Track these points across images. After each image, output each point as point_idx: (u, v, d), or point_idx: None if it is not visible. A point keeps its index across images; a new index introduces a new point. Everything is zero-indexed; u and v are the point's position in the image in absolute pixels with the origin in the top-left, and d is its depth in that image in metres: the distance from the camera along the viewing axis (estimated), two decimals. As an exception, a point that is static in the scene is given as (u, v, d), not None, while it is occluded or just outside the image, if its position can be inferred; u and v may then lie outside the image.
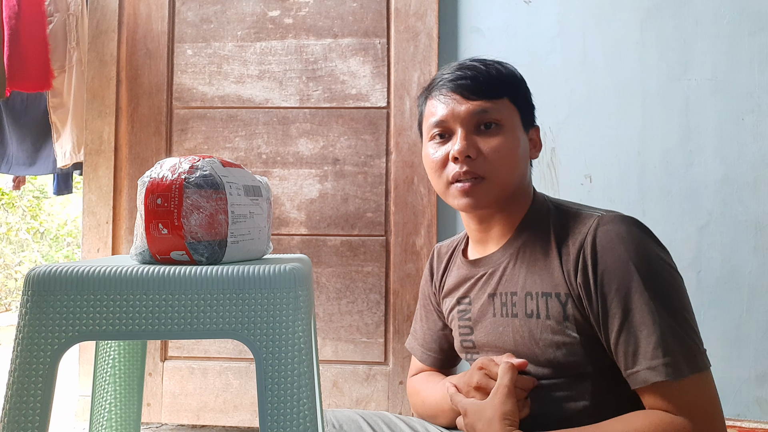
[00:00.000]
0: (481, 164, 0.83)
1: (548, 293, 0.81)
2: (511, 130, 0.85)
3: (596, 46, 1.75)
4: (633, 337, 0.73)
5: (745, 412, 1.65)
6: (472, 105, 0.84)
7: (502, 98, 0.85)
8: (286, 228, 1.81)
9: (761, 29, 1.69)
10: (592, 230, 0.78)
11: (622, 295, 0.74)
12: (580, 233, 0.80)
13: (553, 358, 0.79)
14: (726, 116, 1.69)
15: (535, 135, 0.91)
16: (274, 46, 1.84)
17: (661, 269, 0.76)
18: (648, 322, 0.72)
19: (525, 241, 0.86)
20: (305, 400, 0.63)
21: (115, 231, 1.84)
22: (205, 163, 0.70)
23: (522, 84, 0.90)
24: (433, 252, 1.08)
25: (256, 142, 1.83)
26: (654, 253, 0.77)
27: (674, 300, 0.74)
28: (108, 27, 1.87)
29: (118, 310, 0.65)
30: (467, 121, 0.84)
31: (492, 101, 0.84)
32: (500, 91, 0.85)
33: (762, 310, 1.65)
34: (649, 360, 0.72)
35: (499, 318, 0.86)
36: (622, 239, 0.76)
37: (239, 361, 1.79)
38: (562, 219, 0.84)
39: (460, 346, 0.95)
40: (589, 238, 0.78)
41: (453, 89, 0.86)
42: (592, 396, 0.79)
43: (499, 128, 0.84)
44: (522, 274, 0.84)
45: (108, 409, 0.99)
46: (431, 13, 1.78)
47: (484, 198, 0.84)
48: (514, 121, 0.86)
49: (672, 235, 1.68)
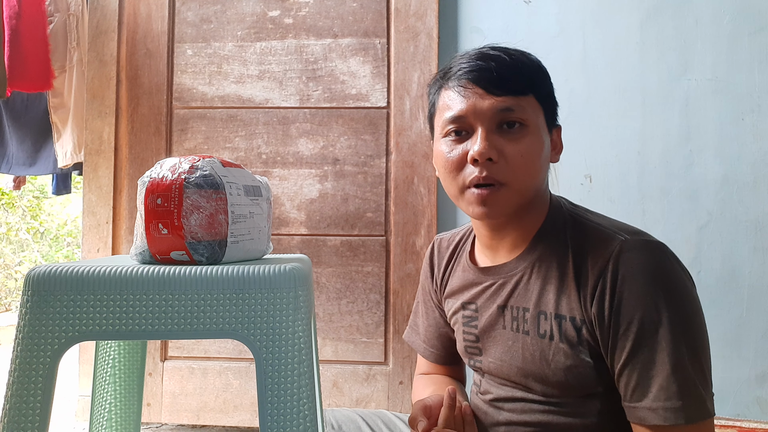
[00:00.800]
0: (502, 169, 0.75)
1: (563, 316, 0.76)
2: (536, 131, 0.77)
3: (596, 46, 1.75)
4: (637, 372, 0.70)
5: (745, 412, 1.65)
6: (497, 101, 0.75)
7: (528, 95, 0.77)
8: (286, 228, 1.81)
9: (761, 29, 1.69)
10: (614, 257, 0.72)
11: (636, 329, 0.70)
12: (600, 257, 0.73)
13: (564, 380, 0.76)
14: (726, 116, 1.69)
15: (557, 136, 0.84)
16: (274, 46, 1.84)
17: (683, 306, 0.70)
18: (658, 362, 0.69)
19: (541, 255, 0.80)
20: (305, 400, 0.63)
21: (115, 231, 1.84)
22: (205, 163, 0.70)
23: (547, 78, 0.82)
24: (432, 245, 1.02)
25: (256, 142, 1.83)
26: (677, 287, 0.71)
27: (691, 341, 0.70)
28: (108, 27, 1.87)
29: (118, 310, 0.65)
30: (490, 118, 0.76)
31: (517, 97, 0.76)
32: (526, 86, 0.77)
33: (762, 310, 1.65)
34: (651, 400, 0.69)
35: (510, 332, 0.82)
36: (643, 270, 0.70)
37: (239, 361, 1.79)
38: (581, 235, 0.78)
39: (463, 350, 0.91)
40: (610, 266, 0.72)
41: (474, 81, 0.76)
42: (600, 414, 0.77)
43: (524, 129, 0.76)
44: (536, 291, 0.79)
45: (108, 409, 0.99)
46: (431, 13, 1.78)
47: (503, 207, 0.77)
48: (539, 122, 0.78)
49: (672, 235, 1.68)
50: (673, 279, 0.71)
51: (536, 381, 0.79)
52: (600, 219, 0.81)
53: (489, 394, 0.87)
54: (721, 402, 1.66)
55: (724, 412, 1.65)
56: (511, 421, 0.82)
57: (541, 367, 0.78)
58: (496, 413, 0.85)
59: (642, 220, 1.70)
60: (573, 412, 0.77)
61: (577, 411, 0.77)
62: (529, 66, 0.79)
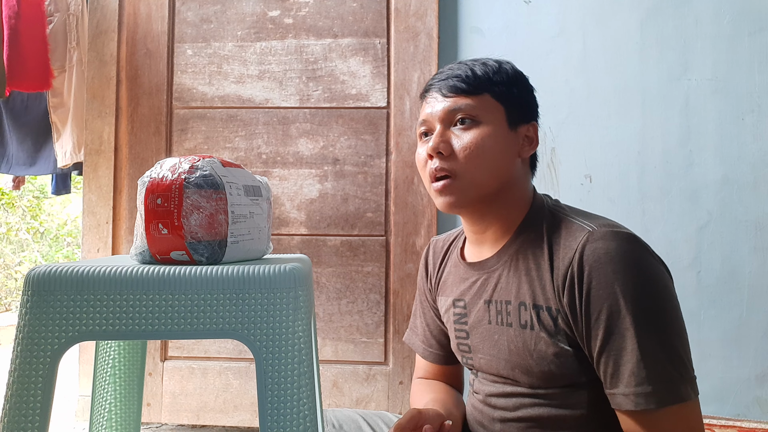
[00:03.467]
0: (452, 162, 0.82)
1: (540, 306, 0.79)
2: (489, 126, 0.82)
3: (596, 46, 1.75)
4: (612, 360, 0.72)
5: (745, 412, 1.65)
6: (448, 102, 0.83)
7: (482, 94, 0.83)
8: (286, 228, 1.81)
9: (761, 29, 1.69)
10: (580, 247, 0.75)
11: (605, 318, 0.72)
12: (569, 248, 0.76)
13: (548, 370, 0.78)
14: (726, 116, 1.69)
15: (530, 132, 0.87)
16: (274, 46, 1.84)
17: (650, 292, 0.72)
18: (627, 348, 0.70)
19: (519, 248, 0.83)
20: (305, 400, 0.63)
21: (115, 231, 1.84)
22: (205, 163, 0.70)
23: (511, 80, 0.86)
24: (429, 246, 1.05)
25: (256, 142, 1.83)
26: (644, 273, 0.73)
27: (661, 325, 0.71)
28: (108, 27, 1.87)
29: (118, 310, 0.65)
30: (443, 118, 0.84)
31: (470, 97, 0.83)
32: (479, 87, 0.83)
33: (762, 310, 1.65)
34: (624, 386, 0.71)
35: (495, 326, 0.85)
36: (610, 258, 0.73)
37: (239, 361, 1.79)
38: (556, 227, 0.81)
39: (456, 347, 0.94)
40: (576, 256, 0.75)
41: (435, 89, 0.86)
42: (589, 405, 0.78)
43: (474, 124, 0.82)
44: (516, 283, 0.82)
45: (108, 409, 0.99)
46: (431, 13, 1.78)
47: (460, 197, 0.82)
48: (495, 117, 0.83)
49: (672, 235, 1.68)
50: (639, 266, 0.73)
51: (522, 373, 0.81)
52: (578, 214, 0.83)
53: (482, 392, 0.88)
54: (721, 402, 1.66)
55: (724, 412, 1.65)
56: (505, 418, 0.84)
57: (525, 357, 0.80)
58: (491, 411, 0.86)
59: (642, 220, 1.70)
60: (562, 403, 0.79)
61: (566, 402, 0.79)
62: (486, 69, 0.85)
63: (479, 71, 0.84)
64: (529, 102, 0.88)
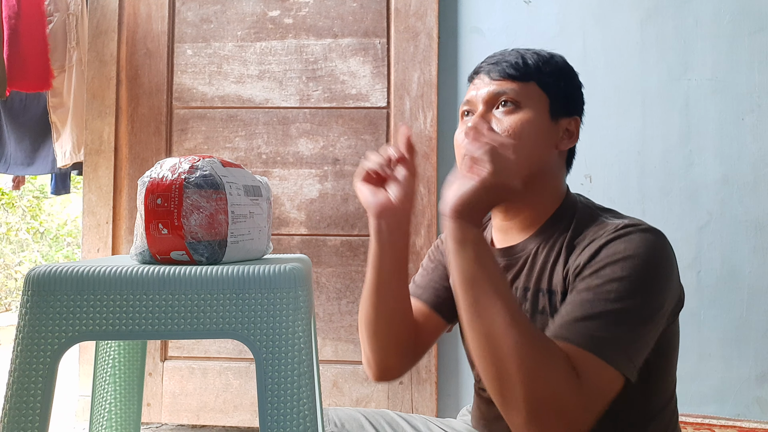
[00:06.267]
0: None
1: (554, 291, 0.79)
2: (530, 113, 0.82)
3: (596, 46, 1.75)
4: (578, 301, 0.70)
5: (745, 412, 1.65)
6: (494, 84, 0.83)
7: (529, 82, 0.83)
8: (286, 228, 1.81)
9: (761, 29, 1.69)
10: (608, 233, 0.75)
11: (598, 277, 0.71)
12: (596, 240, 0.76)
13: None
14: (726, 116, 1.69)
15: (571, 126, 0.87)
16: (274, 46, 1.84)
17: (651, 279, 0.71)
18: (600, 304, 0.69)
19: (546, 238, 0.83)
20: (305, 400, 0.63)
21: (115, 231, 1.84)
22: (205, 163, 0.70)
23: (560, 72, 0.86)
24: None
25: (256, 142, 1.83)
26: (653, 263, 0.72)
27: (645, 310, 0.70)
28: (108, 27, 1.87)
29: (118, 310, 0.65)
30: (486, 100, 0.83)
31: (514, 82, 0.83)
32: (527, 74, 0.83)
33: (762, 310, 1.65)
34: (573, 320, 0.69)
35: None
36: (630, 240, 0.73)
37: (239, 361, 1.79)
38: (586, 222, 0.81)
39: None
40: (603, 237, 0.75)
41: (484, 72, 0.86)
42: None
43: (516, 108, 0.82)
44: (537, 270, 0.83)
45: (108, 409, 0.99)
46: (431, 13, 1.78)
47: None
48: (538, 106, 0.83)
49: (672, 235, 1.67)
50: (660, 255, 0.73)
51: None
52: (611, 213, 0.84)
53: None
54: (721, 402, 1.66)
55: (724, 412, 1.65)
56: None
57: None
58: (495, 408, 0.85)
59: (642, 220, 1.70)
60: None
61: None
62: (536, 58, 0.85)
63: (530, 59, 0.84)
64: (574, 96, 0.89)
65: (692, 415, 1.62)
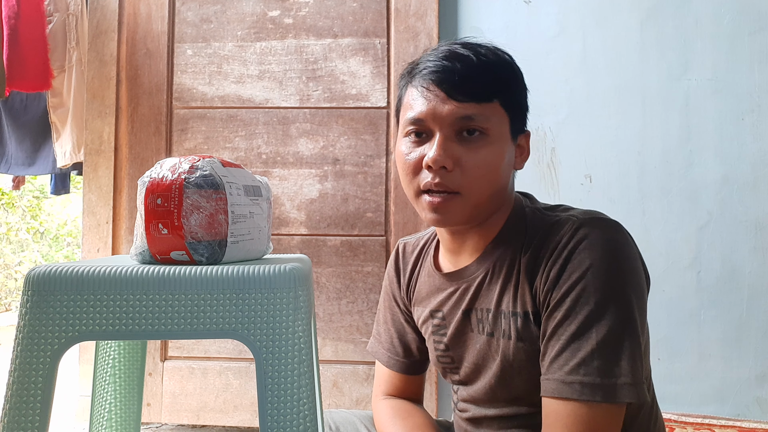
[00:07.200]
0: (457, 178, 0.73)
1: (518, 313, 0.75)
2: (498, 140, 0.75)
3: (596, 46, 1.75)
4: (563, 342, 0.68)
5: (745, 412, 1.65)
6: (457, 107, 0.73)
7: (492, 101, 0.74)
8: (286, 228, 1.81)
9: (761, 29, 1.69)
10: (567, 235, 0.72)
11: (573, 296, 0.68)
12: (552, 242, 0.73)
13: (528, 378, 0.75)
14: (726, 116, 1.69)
15: (524, 141, 0.81)
16: (274, 46, 1.84)
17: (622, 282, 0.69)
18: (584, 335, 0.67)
19: (500, 255, 0.78)
20: (305, 400, 0.63)
21: (115, 231, 1.84)
22: (205, 163, 0.70)
23: (517, 82, 0.79)
24: (397, 249, 0.98)
25: (256, 142, 1.83)
26: (627, 263, 0.70)
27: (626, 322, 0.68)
28: (108, 27, 1.87)
29: (118, 310, 0.65)
30: (449, 124, 0.73)
31: (480, 104, 0.73)
32: (491, 92, 0.74)
33: (762, 310, 1.65)
34: (565, 373, 0.67)
35: (477, 335, 0.80)
36: (590, 244, 0.70)
37: (239, 361, 1.79)
38: (537, 227, 0.77)
39: (436, 360, 0.88)
40: (562, 241, 0.72)
41: (437, 83, 0.74)
42: None
43: (485, 138, 0.74)
44: (496, 291, 0.77)
45: (108, 409, 0.99)
46: (431, 13, 1.78)
47: (456, 216, 0.75)
48: (502, 130, 0.75)
49: (672, 235, 1.68)
50: (623, 255, 0.70)
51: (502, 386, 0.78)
52: (557, 209, 0.79)
53: (467, 411, 0.85)
54: (721, 402, 1.66)
55: (724, 412, 1.65)
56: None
57: (507, 367, 0.77)
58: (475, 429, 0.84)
59: (642, 220, 1.70)
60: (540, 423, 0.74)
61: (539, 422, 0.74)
62: (497, 69, 0.76)
63: (492, 70, 0.75)
64: (526, 107, 0.81)
65: (692, 415, 1.62)
